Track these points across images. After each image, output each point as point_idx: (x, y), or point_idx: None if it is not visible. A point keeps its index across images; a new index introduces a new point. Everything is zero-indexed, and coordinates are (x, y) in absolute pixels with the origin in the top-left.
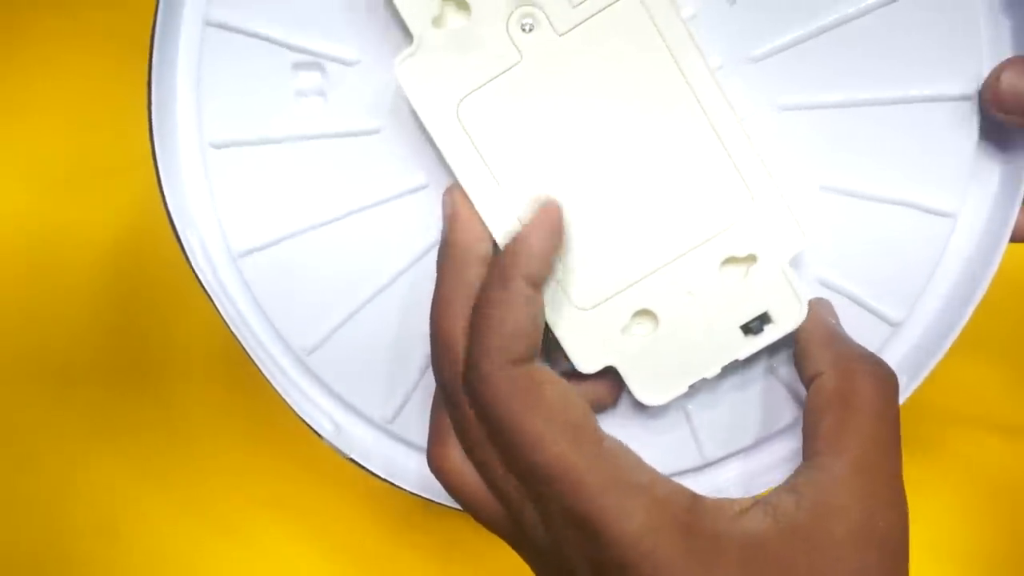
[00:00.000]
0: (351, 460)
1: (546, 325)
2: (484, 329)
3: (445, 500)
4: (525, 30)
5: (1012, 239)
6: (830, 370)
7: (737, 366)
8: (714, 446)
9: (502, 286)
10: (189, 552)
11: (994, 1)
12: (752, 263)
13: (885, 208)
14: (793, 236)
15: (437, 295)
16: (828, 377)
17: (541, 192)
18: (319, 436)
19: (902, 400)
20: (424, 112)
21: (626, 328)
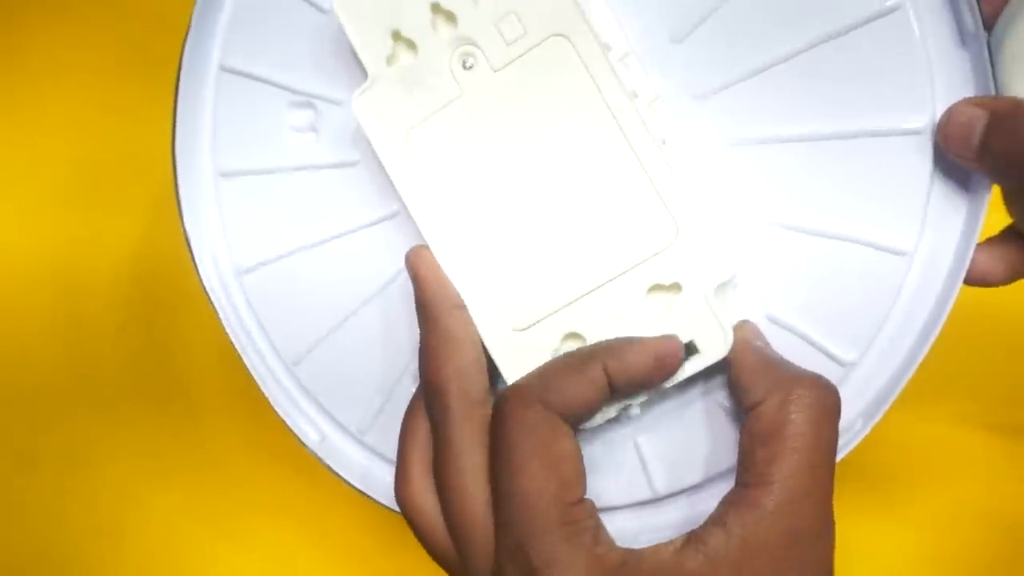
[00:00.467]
0: (330, 469)
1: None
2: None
3: None
4: (466, 67)
5: (968, 281)
6: (764, 399)
7: (679, 395)
8: (664, 479)
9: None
10: (192, 554)
11: (947, 34)
12: (677, 292)
13: (838, 245)
14: (719, 267)
15: (422, 346)
16: (763, 407)
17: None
18: (303, 444)
19: (854, 444)
20: (377, 143)
21: (556, 350)
